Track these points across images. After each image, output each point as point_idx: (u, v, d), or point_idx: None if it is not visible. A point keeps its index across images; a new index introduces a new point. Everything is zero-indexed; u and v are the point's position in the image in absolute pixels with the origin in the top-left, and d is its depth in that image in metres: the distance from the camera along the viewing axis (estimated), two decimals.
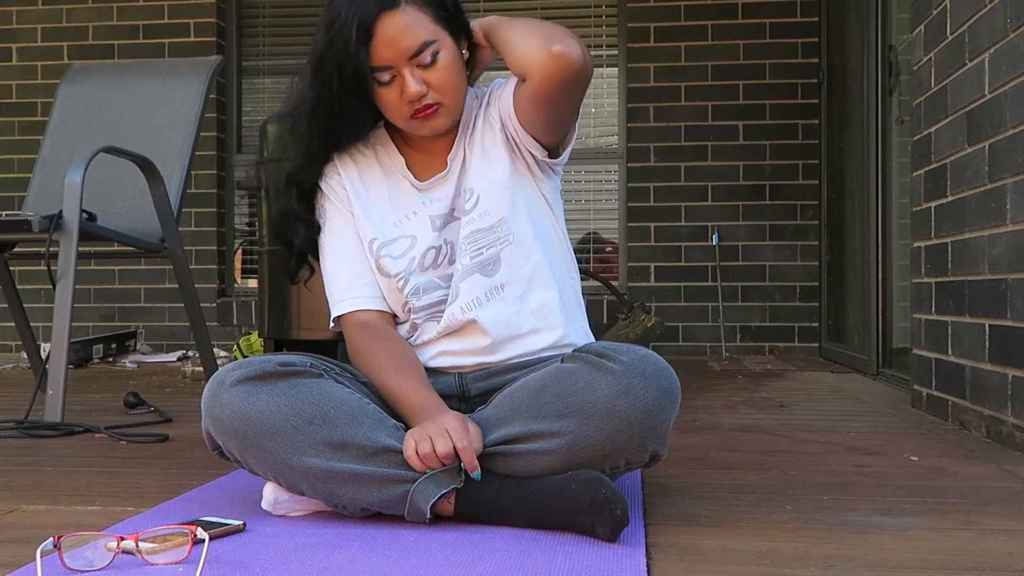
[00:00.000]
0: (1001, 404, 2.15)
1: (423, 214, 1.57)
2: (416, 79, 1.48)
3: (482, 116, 1.59)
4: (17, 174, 5.15)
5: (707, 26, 4.93)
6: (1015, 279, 2.08)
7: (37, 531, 1.39)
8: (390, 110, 1.53)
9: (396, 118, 1.54)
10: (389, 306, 1.57)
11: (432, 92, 1.50)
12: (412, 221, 1.58)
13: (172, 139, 3.07)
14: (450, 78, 1.51)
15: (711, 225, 4.91)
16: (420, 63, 1.49)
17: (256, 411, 1.38)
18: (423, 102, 1.49)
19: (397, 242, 1.57)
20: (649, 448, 1.38)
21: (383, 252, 1.56)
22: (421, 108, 1.50)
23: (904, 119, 3.55)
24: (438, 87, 1.50)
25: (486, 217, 1.54)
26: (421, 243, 1.56)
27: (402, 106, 1.51)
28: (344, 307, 1.57)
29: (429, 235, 1.56)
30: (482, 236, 1.54)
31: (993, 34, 2.19)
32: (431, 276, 1.55)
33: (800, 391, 3.29)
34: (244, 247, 5.37)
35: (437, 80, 1.50)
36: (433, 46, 1.49)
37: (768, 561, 1.24)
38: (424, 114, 1.51)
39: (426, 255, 1.56)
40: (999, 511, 1.53)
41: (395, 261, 1.56)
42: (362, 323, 1.56)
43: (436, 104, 1.50)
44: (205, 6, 5.16)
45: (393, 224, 1.58)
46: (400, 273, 1.55)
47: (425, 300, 1.55)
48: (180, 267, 2.94)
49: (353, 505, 1.39)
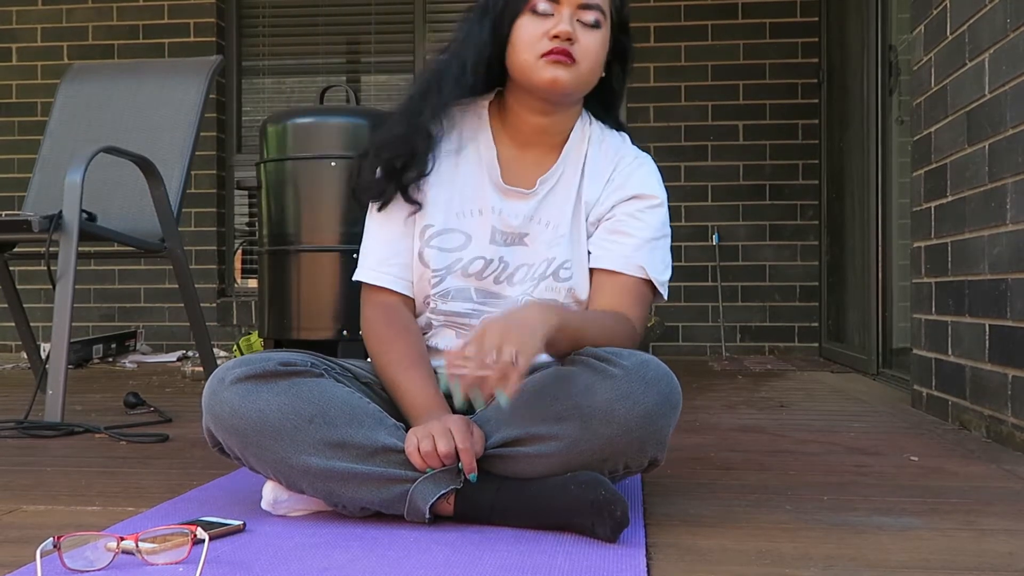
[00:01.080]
0: (1001, 404, 2.15)
1: (487, 219, 1.54)
2: (573, 23, 1.46)
3: (590, 161, 1.56)
4: (17, 174, 5.15)
5: (707, 26, 4.94)
6: (1015, 279, 2.08)
7: (37, 531, 1.39)
8: (525, 40, 1.47)
9: (526, 52, 1.47)
10: (414, 295, 1.56)
11: (578, 47, 1.47)
12: (475, 219, 1.54)
13: (172, 139, 3.07)
14: (596, 52, 1.49)
15: (711, 225, 4.91)
16: (582, 18, 1.48)
17: (256, 410, 1.38)
18: (566, 45, 1.45)
19: (453, 235, 1.54)
20: (648, 453, 1.37)
21: (433, 242, 1.53)
22: (560, 50, 1.45)
23: (904, 119, 3.55)
24: (583, 50, 1.47)
25: (566, 294, 1.52)
26: (473, 248, 1.53)
27: (542, 40, 1.46)
28: (372, 278, 1.56)
29: (484, 245, 1.54)
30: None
31: (993, 34, 2.19)
32: (469, 284, 1.53)
33: (800, 391, 3.29)
34: (244, 247, 5.37)
35: (586, 44, 1.48)
36: (600, 15, 1.49)
37: (768, 561, 1.24)
38: (558, 57, 1.45)
39: (473, 262, 1.53)
40: (999, 511, 1.53)
41: (441, 255, 1.53)
42: (385, 304, 1.54)
43: (574, 59, 1.47)
44: (205, 6, 5.16)
45: (457, 214, 1.54)
46: (439, 270, 1.53)
47: (450, 307, 1.53)
48: (180, 267, 2.94)
49: (353, 504, 1.39)
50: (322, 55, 5.32)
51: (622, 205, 1.55)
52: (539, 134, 1.57)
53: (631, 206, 1.55)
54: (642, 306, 1.53)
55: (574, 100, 1.56)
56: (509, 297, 1.53)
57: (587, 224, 1.56)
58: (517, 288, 1.53)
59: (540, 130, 1.57)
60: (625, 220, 1.55)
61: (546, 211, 1.55)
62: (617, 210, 1.55)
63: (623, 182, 1.57)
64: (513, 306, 1.39)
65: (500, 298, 1.53)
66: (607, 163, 1.58)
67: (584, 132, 1.59)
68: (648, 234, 1.55)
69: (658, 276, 1.54)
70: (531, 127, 1.56)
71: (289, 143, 3.33)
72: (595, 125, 1.61)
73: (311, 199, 3.29)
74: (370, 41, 5.32)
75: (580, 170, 1.57)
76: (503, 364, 1.23)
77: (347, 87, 3.64)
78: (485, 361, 1.24)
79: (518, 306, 1.40)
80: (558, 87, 1.48)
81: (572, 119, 1.58)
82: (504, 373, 1.24)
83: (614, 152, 1.59)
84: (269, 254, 3.37)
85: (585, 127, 1.60)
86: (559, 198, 1.56)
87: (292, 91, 5.40)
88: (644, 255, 1.53)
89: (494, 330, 1.27)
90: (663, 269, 1.56)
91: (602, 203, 1.56)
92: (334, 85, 3.85)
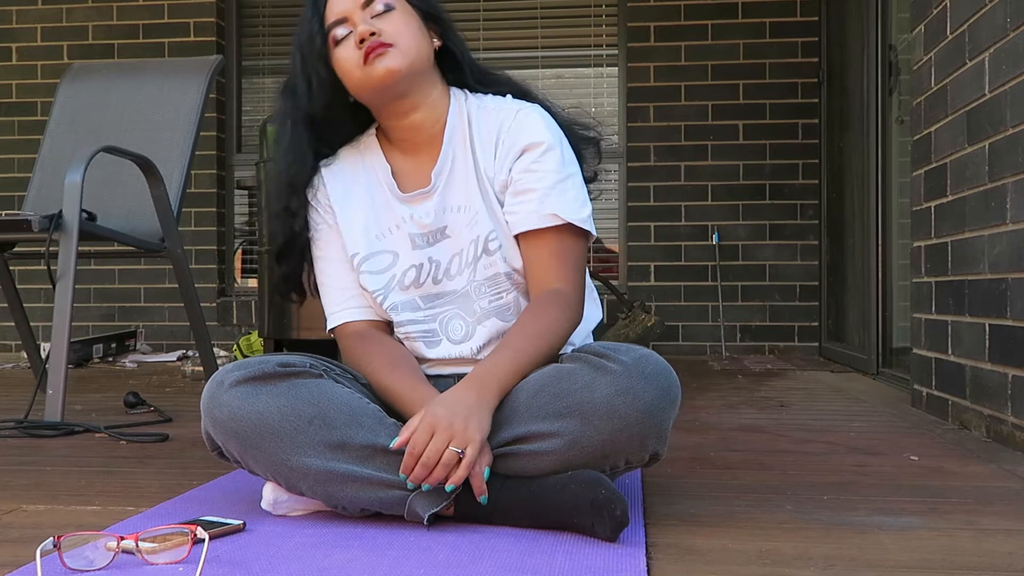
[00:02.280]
0: (1001, 404, 2.15)
1: (404, 230, 1.55)
2: (367, 22, 1.49)
3: (476, 137, 1.55)
4: (17, 174, 5.15)
5: (707, 26, 4.93)
6: (1015, 279, 2.08)
7: (37, 531, 1.39)
8: (345, 65, 1.50)
9: (353, 71, 1.50)
10: (380, 317, 1.57)
11: (384, 34, 1.48)
12: (394, 236, 1.56)
13: (172, 139, 3.07)
14: (405, 27, 1.50)
15: (711, 225, 4.91)
16: (372, 13, 1.49)
17: (255, 412, 1.38)
18: (374, 40, 1.47)
19: (379, 257, 1.56)
20: (649, 448, 1.37)
21: (363, 268, 1.55)
22: (373, 46, 1.47)
23: (904, 119, 3.55)
24: (391, 32, 1.49)
25: (503, 263, 1.52)
26: (403, 261, 1.55)
27: (355, 53, 1.49)
28: (337, 319, 1.58)
29: (409, 253, 1.55)
30: (503, 280, 1.52)
31: (993, 34, 2.19)
32: (412, 295, 1.54)
33: (800, 391, 3.29)
34: (244, 247, 5.37)
35: (390, 26, 1.49)
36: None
37: (768, 561, 1.24)
38: (375, 52, 1.47)
39: (407, 274, 1.55)
40: (999, 511, 1.52)
41: (374, 277, 1.55)
42: (355, 332, 1.56)
43: (388, 44, 1.48)
44: (205, 6, 5.16)
45: (376, 236, 1.56)
46: (379, 290, 1.54)
47: (404, 317, 1.55)
48: (180, 267, 2.94)
49: (352, 505, 1.39)
50: None
51: (516, 164, 1.52)
52: (419, 131, 1.56)
53: (524, 161, 1.52)
54: (569, 258, 1.50)
55: (421, 81, 1.53)
56: (456, 291, 1.53)
57: (496, 194, 1.54)
58: (458, 280, 1.53)
59: (416, 127, 1.56)
60: (523, 178, 1.51)
61: (452, 198, 1.55)
62: (514, 171, 1.52)
63: (512, 140, 1.53)
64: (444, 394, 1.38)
65: (447, 295, 1.54)
66: (491, 130, 1.55)
67: (460, 108, 1.58)
68: (549, 180, 1.50)
69: (575, 216, 1.50)
70: (407, 130, 1.56)
71: None
72: (471, 98, 1.59)
73: None
74: None
75: (469, 147, 1.55)
76: (447, 463, 1.29)
77: None
78: (430, 463, 1.29)
79: (449, 392, 1.38)
80: (393, 75, 1.48)
81: (440, 101, 1.57)
82: (451, 469, 1.29)
83: (495, 115, 1.56)
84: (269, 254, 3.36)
85: (460, 102, 1.58)
86: (459, 181, 1.55)
87: None
88: (552, 202, 1.49)
89: (439, 427, 1.30)
90: (578, 208, 1.51)
91: (501, 169, 1.53)
92: None
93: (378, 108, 1.55)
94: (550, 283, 1.49)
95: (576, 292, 1.50)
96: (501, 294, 1.52)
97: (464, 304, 1.53)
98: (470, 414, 1.32)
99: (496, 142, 1.54)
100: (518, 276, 1.52)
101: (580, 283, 1.51)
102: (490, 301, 1.53)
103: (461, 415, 1.31)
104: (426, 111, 1.55)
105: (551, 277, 1.49)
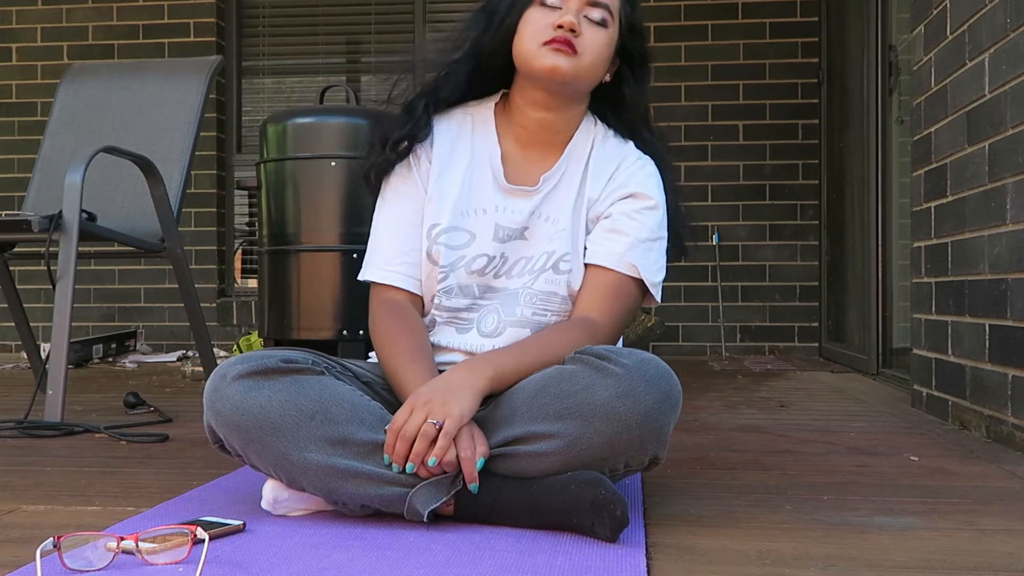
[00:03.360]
0: (1001, 404, 2.15)
1: (491, 218, 1.56)
2: (578, 16, 1.49)
3: (593, 161, 1.58)
4: (17, 174, 5.15)
5: (707, 26, 4.94)
6: (1015, 279, 2.08)
7: (37, 531, 1.39)
8: (530, 29, 1.51)
9: (530, 40, 1.50)
10: (422, 292, 1.58)
11: (581, 40, 1.49)
12: (479, 218, 1.56)
13: (172, 139, 3.07)
14: (599, 48, 1.51)
15: (711, 225, 4.91)
16: (589, 14, 1.50)
17: (258, 406, 1.38)
18: (569, 35, 1.48)
19: (457, 232, 1.56)
20: (648, 452, 1.37)
21: (440, 239, 1.55)
22: (562, 39, 1.48)
23: (904, 119, 3.55)
24: (586, 44, 1.50)
25: (566, 286, 1.54)
26: (477, 245, 1.55)
27: (546, 28, 1.49)
28: (380, 277, 1.58)
29: (488, 242, 1.56)
30: (557, 302, 1.54)
31: (993, 34, 2.19)
32: (472, 281, 1.55)
33: (800, 391, 3.29)
34: (244, 247, 5.38)
35: (589, 39, 1.50)
36: (607, 15, 1.52)
37: (768, 561, 1.24)
38: (560, 45, 1.48)
39: (476, 260, 1.55)
40: (999, 511, 1.53)
41: (448, 252, 1.55)
42: (391, 301, 1.56)
43: (575, 50, 1.49)
44: (205, 6, 5.16)
45: (462, 213, 1.56)
46: (445, 267, 1.55)
47: (453, 303, 1.55)
48: (180, 267, 2.94)
49: (352, 501, 1.39)
50: (322, 55, 5.32)
51: (620, 204, 1.57)
52: (543, 130, 1.58)
53: (628, 205, 1.56)
54: (621, 304, 1.54)
55: (575, 94, 1.57)
56: (508, 290, 1.55)
57: (587, 221, 1.57)
58: (516, 281, 1.55)
59: (543, 126, 1.58)
60: (621, 219, 1.56)
61: (548, 207, 1.57)
62: (615, 208, 1.57)
63: (624, 181, 1.58)
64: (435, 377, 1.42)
65: (499, 291, 1.56)
66: (611, 162, 1.59)
67: (589, 132, 1.61)
68: (643, 235, 1.55)
69: (650, 277, 1.55)
70: (535, 123, 1.58)
71: (289, 143, 3.33)
72: (600, 126, 1.63)
73: (311, 199, 3.29)
74: (370, 41, 5.32)
75: (584, 168, 1.59)
76: (426, 434, 1.31)
77: (347, 87, 3.64)
78: (408, 435, 1.32)
79: (447, 372, 1.42)
80: (557, 75, 1.50)
81: (576, 118, 1.60)
82: (430, 442, 1.31)
83: (618, 152, 1.61)
84: (269, 254, 3.37)
85: (590, 127, 1.62)
86: (561, 194, 1.58)
87: (292, 91, 5.40)
88: (637, 255, 1.54)
89: (418, 404, 1.34)
90: (656, 271, 1.56)
91: (602, 201, 1.58)
92: (334, 85, 3.86)
93: (523, 86, 1.56)
94: (591, 311, 1.53)
95: (611, 329, 1.53)
96: (547, 313, 1.55)
97: (508, 304, 1.55)
98: (450, 391, 1.35)
99: (611, 175, 1.58)
100: (571, 304, 1.55)
101: (619, 324, 1.55)
102: (533, 313, 1.54)
103: (441, 392, 1.35)
104: (558, 116, 1.57)
105: (596, 308, 1.53)
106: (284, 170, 3.31)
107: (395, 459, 1.34)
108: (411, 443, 1.32)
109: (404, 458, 1.33)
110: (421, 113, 1.58)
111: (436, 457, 1.32)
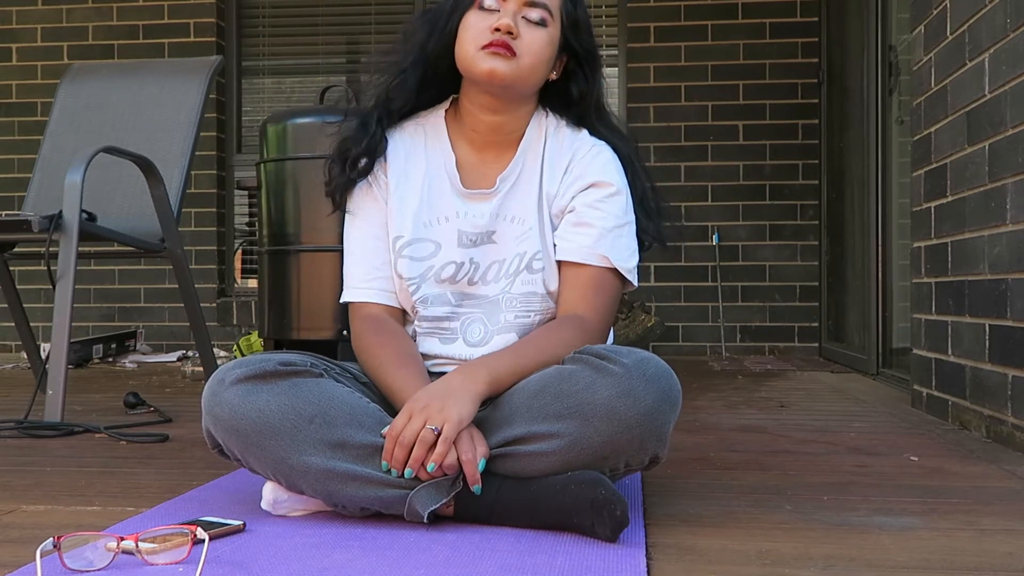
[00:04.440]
0: (1001, 404, 2.15)
1: (453, 225, 1.56)
2: (515, 18, 1.49)
3: (547, 155, 1.58)
4: (17, 174, 5.15)
5: (707, 26, 4.93)
6: (1015, 279, 2.08)
7: (37, 531, 1.39)
8: (469, 33, 1.51)
9: (468, 45, 1.51)
10: (400, 304, 1.58)
11: (518, 42, 1.49)
12: (442, 227, 1.57)
13: (172, 139, 3.07)
14: (539, 50, 1.51)
15: (711, 225, 4.91)
16: (527, 15, 1.50)
17: (256, 410, 1.38)
18: (506, 38, 1.48)
19: (422, 244, 1.56)
20: (649, 451, 1.37)
21: (405, 252, 1.56)
22: (499, 42, 1.48)
23: (904, 119, 3.55)
24: (525, 46, 1.50)
25: (542, 284, 1.54)
26: (443, 254, 1.56)
27: (483, 32, 1.49)
28: (356, 296, 1.58)
29: (453, 249, 1.56)
30: (537, 301, 1.55)
31: (993, 34, 2.19)
32: (444, 290, 1.56)
33: (800, 391, 3.29)
34: (244, 247, 5.37)
35: (528, 40, 1.50)
36: (547, 14, 1.51)
37: (768, 561, 1.24)
38: (497, 48, 1.48)
39: (445, 268, 1.55)
40: (999, 511, 1.53)
41: (413, 264, 1.55)
42: (371, 316, 1.57)
43: (513, 52, 1.49)
44: (205, 6, 5.16)
45: (424, 223, 1.57)
46: (414, 278, 1.55)
47: (431, 312, 1.56)
48: (180, 267, 2.94)
49: (352, 504, 1.39)
50: (322, 55, 5.32)
51: (581, 195, 1.56)
52: (494, 132, 1.59)
53: (590, 195, 1.56)
54: (605, 296, 1.54)
55: (520, 95, 1.56)
56: (488, 297, 1.56)
57: (551, 216, 1.57)
58: (493, 286, 1.56)
59: (494, 128, 1.58)
60: (586, 211, 1.55)
61: (510, 207, 1.57)
62: (577, 201, 1.56)
63: (581, 171, 1.57)
64: (432, 382, 1.42)
65: (478, 298, 1.56)
66: (564, 153, 1.59)
67: (540, 125, 1.61)
68: (610, 223, 1.55)
69: (623, 264, 1.55)
70: (485, 126, 1.58)
71: (289, 143, 3.32)
72: (551, 117, 1.62)
73: (311, 199, 3.28)
74: (370, 41, 5.32)
75: (540, 163, 1.59)
76: (424, 439, 1.31)
77: (347, 87, 3.64)
78: (406, 441, 1.32)
79: (443, 377, 1.42)
80: (496, 79, 1.50)
81: (525, 117, 1.60)
82: (429, 447, 1.32)
83: (570, 142, 1.60)
84: (269, 254, 3.37)
85: (541, 120, 1.61)
86: (521, 193, 1.57)
87: (292, 91, 5.40)
88: (607, 244, 1.54)
89: (415, 410, 1.34)
90: (628, 257, 1.56)
91: (562, 195, 1.57)
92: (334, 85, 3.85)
93: (470, 91, 1.57)
94: (577, 308, 1.53)
95: (600, 324, 1.53)
96: (529, 313, 1.55)
97: (491, 312, 1.55)
98: (448, 395, 1.35)
99: (566, 167, 1.58)
100: (551, 300, 1.55)
101: (607, 317, 1.54)
102: (516, 316, 1.55)
103: (439, 396, 1.35)
104: (507, 117, 1.57)
105: (581, 304, 1.53)
106: (284, 170, 3.31)
107: (394, 465, 1.34)
108: (409, 449, 1.32)
109: (403, 464, 1.33)
110: (375, 128, 1.59)
111: (435, 463, 1.32)
